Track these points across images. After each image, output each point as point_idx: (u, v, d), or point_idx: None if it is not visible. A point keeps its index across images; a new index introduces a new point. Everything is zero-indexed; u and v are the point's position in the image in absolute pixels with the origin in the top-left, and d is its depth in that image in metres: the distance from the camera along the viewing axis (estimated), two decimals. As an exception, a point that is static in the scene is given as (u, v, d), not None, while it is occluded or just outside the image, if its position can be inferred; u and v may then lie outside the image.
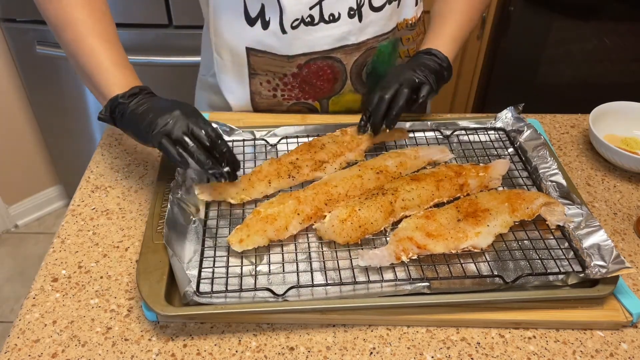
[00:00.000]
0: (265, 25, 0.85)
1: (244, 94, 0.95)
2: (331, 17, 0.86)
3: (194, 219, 0.73)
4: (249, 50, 0.89)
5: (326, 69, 0.91)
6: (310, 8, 0.84)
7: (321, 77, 0.92)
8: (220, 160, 0.70)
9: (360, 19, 0.87)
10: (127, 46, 0.82)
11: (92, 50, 0.74)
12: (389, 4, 0.88)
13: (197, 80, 1.09)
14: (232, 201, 0.75)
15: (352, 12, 0.86)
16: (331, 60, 0.90)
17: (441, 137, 0.90)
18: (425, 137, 0.90)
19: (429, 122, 0.91)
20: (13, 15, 1.56)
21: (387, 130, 0.82)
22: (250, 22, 0.86)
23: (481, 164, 0.82)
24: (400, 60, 0.97)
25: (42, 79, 1.69)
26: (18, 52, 1.64)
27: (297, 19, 0.84)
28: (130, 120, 0.72)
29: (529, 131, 0.88)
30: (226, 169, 0.70)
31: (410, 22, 0.94)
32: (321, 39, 0.87)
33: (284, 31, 0.85)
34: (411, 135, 0.90)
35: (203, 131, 0.69)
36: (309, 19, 0.85)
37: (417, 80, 0.82)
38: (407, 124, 0.91)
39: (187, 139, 0.68)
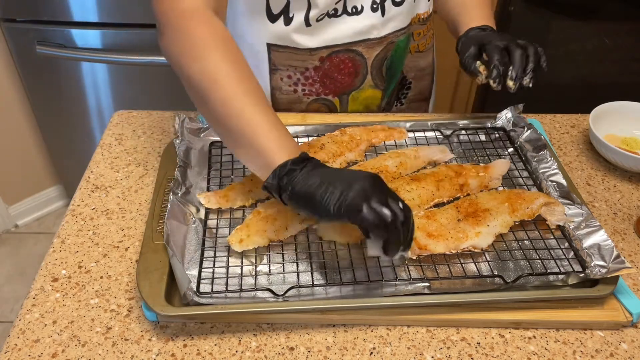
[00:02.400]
0: (288, 21, 0.86)
1: (264, 90, 0.94)
2: (354, 10, 0.86)
3: (194, 219, 0.73)
4: (270, 46, 0.89)
5: (347, 62, 0.91)
6: (336, 2, 0.85)
7: (342, 71, 0.92)
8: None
9: (383, 13, 0.88)
10: (127, 46, 0.82)
11: (242, 111, 0.64)
12: None
13: None
14: (241, 203, 0.75)
15: (374, 6, 0.87)
16: (353, 54, 0.91)
17: (441, 137, 0.90)
18: (425, 137, 0.90)
19: (429, 122, 0.91)
20: (13, 15, 1.56)
21: (530, 85, 0.77)
22: (272, 18, 0.86)
23: (481, 164, 0.82)
24: (410, 55, 0.98)
25: (42, 79, 1.69)
26: (18, 52, 1.64)
27: (323, 13, 0.85)
28: (304, 190, 0.59)
29: (529, 131, 0.88)
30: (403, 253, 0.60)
31: (422, 16, 0.95)
32: (344, 31, 0.88)
33: (308, 24, 0.85)
34: (411, 135, 0.90)
35: (390, 211, 0.57)
36: (332, 11, 0.86)
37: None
38: (407, 124, 0.91)
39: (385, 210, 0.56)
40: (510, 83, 0.77)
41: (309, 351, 0.61)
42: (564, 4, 1.62)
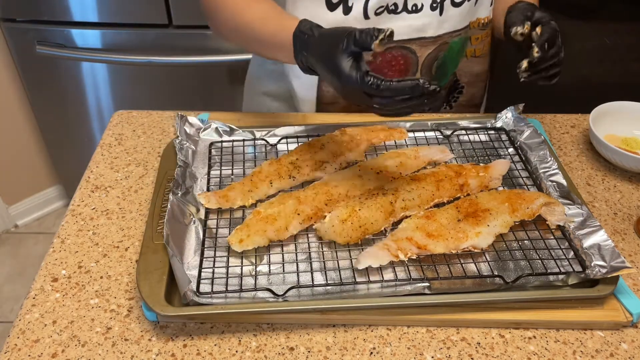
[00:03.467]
0: (347, 10, 0.85)
1: (312, 80, 0.94)
2: (414, 8, 0.87)
3: (194, 219, 0.73)
4: None
5: (399, 59, 0.91)
6: None
7: (393, 67, 0.92)
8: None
9: (441, 13, 0.88)
10: (127, 46, 0.82)
11: (272, 15, 0.78)
12: (468, 0, 0.89)
13: (247, 72, 1.09)
14: (241, 203, 0.75)
15: (434, 5, 0.87)
16: (406, 51, 0.91)
17: (441, 137, 0.90)
18: (425, 137, 0.90)
19: (429, 122, 0.91)
20: (13, 15, 1.56)
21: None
22: (331, 7, 0.85)
23: (481, 164, 0.82)
24: (465, 59, 0.98)
25: (42, 79, 1.69)
26: (18, 52, 1.64)
27: (381, 6, 0.85)
28: (322, 39, 0.69)
29: (529, 131, 0.88)
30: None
31: (483, 21, 0.95)
32: (401, 28, 0.88)
33: (366, 17, 0.85)
34: (411, 135, 0.90)
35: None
36: (392, 6, 0.86)
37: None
38: (407, 124, 0.91)
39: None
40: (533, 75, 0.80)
41: (309, 351, 0.61)
42: (564, 4, 1.62)
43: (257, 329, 0.64)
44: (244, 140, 0.88)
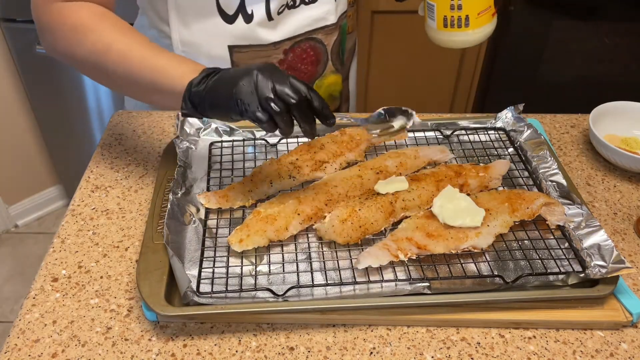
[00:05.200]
0: (249, 18, 0.85)
1: None
2: None
3: (194, 219, 0.73)
4: (232, 48, 0.89)
5: (309, 51, 0.93)
6: None
7: (305, 60, 0.93)
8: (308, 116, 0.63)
9: None
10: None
11: (143, 57, 0.69)
12: None
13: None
14: (241, 203, 0.75)
15: None
16: (313, 42, 0.92)
17: (441, 137, 0.90)
18: (425, 137, 0.90)
19: (429, 122, 0.91)
20: (13, 15, 1.56)
21: None
22: (229, 19, 0.85)
23: (481, 164, 0.82)
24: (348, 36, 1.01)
25: (42, 79, 1.69)
26: (18, 52, 1.64)
27: (282, 5, 0.86)
28: (210, 102, 0.64)
29: (529, 131, 0.88)
30: (306, 127, 0.63)
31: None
32: (303, 20, 0.89)
33: (270, 18, 0.86)
34: (411, 135, 0.90)
35: (287, 89, 0.61)
36: (291, 2, 0.87)
37: None
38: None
39: (273, 105, 0.60)
40: None
41: (309, 351, 0.61)
42: (564, 4, 1.62)
43: (257, 329, 0.64)
44: (244, 140, 0.88)
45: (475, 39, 0.81)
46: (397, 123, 0.73)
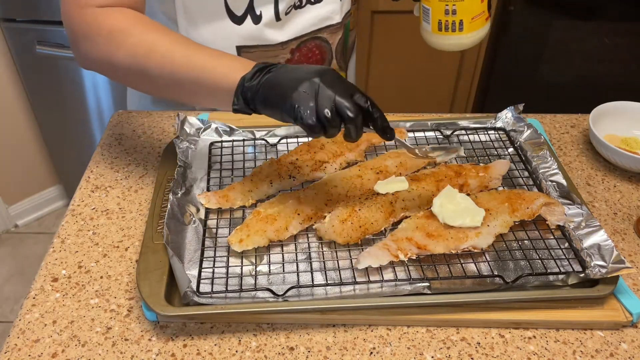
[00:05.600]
0: (257, 19, 0.86)
1: None
2: None
3: (194, 219, 0.73)
4: (241, 49, 0.89)
5: (315, 50, 0.94)
6: None
7: (311, 59, 0.94)
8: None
9: None
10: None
11: (188, 55, 0.67)
12: None
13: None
14: (241, 203, 0.75)
15: None
16: (319, 41, 0.93)
17: (441, 137, 0.90)
18: (425, 137, 0.90)
19: (429, 122, 0.91)
20: (13, 15, 1.56)
21: None
22: (237, 20, 0.86)
23: (481, 164, 0.82)
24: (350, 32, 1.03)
25: (42, 79, 1.69)
26: (18, 52, 1.64)
27: (290, 5, 0.87)
28: (264, 99, 0.62)
29: (529, 131, 0.88)
30: (351, 137, 0.60)
31: None
32: (309, 19, 0.91)
33: (278, 18, 0.87)
34: (411, 135, 0.90)
35: (347, 103, 0.58)
36: (298, 2, 0.88)
37: None
38: (407, 124, 0.91)
39: (329, 117, 0.58)
40: None
41: (309, 351, 0.61)
42: (564, 4, 1.62)
43: (257, 329, 0.64)
44: (244, 140, 0.88)
45: (469, 43, 0.82)
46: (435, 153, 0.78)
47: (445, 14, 0.80)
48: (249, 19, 0.86)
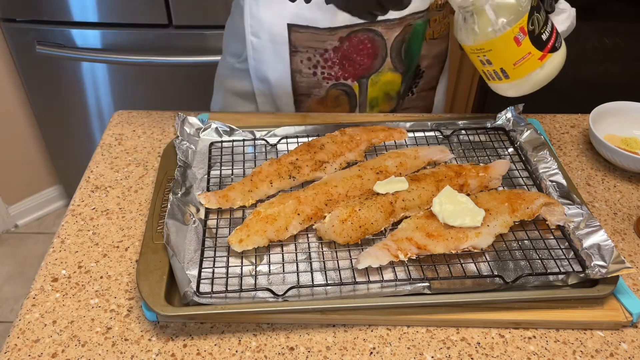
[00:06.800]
0: None
1: (285, 72, 0.95)
2: None
3: (194, 219, 0.73)
4: (291, 27, 0.89)
5: (367, 43, 0.92)
6: None
7: (361, 52, 0.92)
8: None
9: None
10: (126, 46, 0.82)
11: None
12: None
13: (215, 75, 1.08)
14: (241, 203, 0.75)
15: None
16: (372, 34, 0.91)
17: (441, 137, 0.90)
18: (425, 137, 0.90)
19: (429, 122, 0.91)
20: (13, 15, 1.56)
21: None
22: None
23: (481, 164, 0.82)
24: (425, 42, 0.98)
25: (42, 79, 1.69)
26: (18, 52, 1.64)
27: None
28: None
29: (529, 131, 0.88)
30: None
31: (440, 2, 0.95)
32: None
33: (328, 1, 0.85)
34: (411, 135, 0.90)
35: None
36: None
37: None
38: (407, 124, 0.91)
39: None
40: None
41: (309, 351, 0.61)
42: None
43: (257, 329, 0.64)
44: (244, 140, 0.88)
45: (523, 89, 0.78)
46: None
47: (483, 65, 0.78)
48: None
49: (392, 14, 0.89)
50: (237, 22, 0.96)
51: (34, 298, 0.66)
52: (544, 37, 0.76)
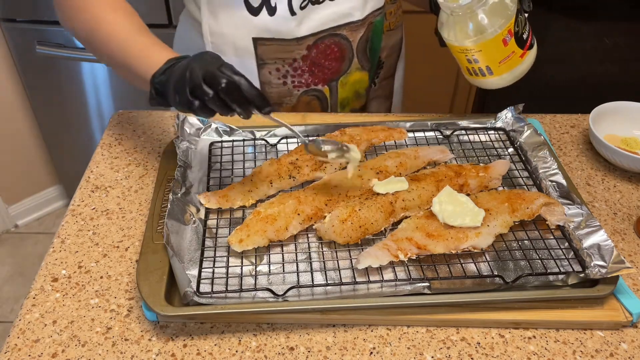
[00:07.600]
0: (272, 11, 0.86)
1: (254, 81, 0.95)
2: None
3: (194, 219, 0.73)
4: (257, 41, 0.89)
5: (333, 47, 0.92)
6: None
7: (329, 56, 0.93)
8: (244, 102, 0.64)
9: None
10: (127, 46, 0.82)
11: (125, 41, 0.74)
12: None
13: None
14: (241, 203, 0.75)
15: None
16: (338, 38, 0.91)
17: (441, 137, 0.90)
18: (425, 137, 0.90)
19: (429, 122, 0.91)
20: (13, 15, 1.56)
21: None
22: (254, 12, 0.86)
23: (481, 164, 0.82)
24: (384, 35, 1.00)
25: (42, 79, 1.69)
26: (18, 52, 1.64)
27: (307, 0, 0.86)
28: (165, 93, 0.68)
29: (529, 131, 0.88)
30: (238, 110, 0.64)
31: None
32: (328, 15, 0.89)
33: (293, 13, 0.86)
34: (411, 135, 0.90)
35: (216, 75, 0.63)
36: None
37: None
38: (407, 124, 0.91)
39: (205, 87, 0.63)
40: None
41: (309, 351, 0.61)
42: (564, 4, 1.62)
43: (257, 329, 0.64)
44: (244, 140, 0.88)
45: (505, 82, 0.81)
46: (332, 155, 0.73)
47: (469, 62, 0.80)
48: (264, 11, 0.86)
49: (355, 16, 0.90)
50: (194, 38, 0.95)
51: (34, 298, 0.66)
52: (525, 36, 0.80)
